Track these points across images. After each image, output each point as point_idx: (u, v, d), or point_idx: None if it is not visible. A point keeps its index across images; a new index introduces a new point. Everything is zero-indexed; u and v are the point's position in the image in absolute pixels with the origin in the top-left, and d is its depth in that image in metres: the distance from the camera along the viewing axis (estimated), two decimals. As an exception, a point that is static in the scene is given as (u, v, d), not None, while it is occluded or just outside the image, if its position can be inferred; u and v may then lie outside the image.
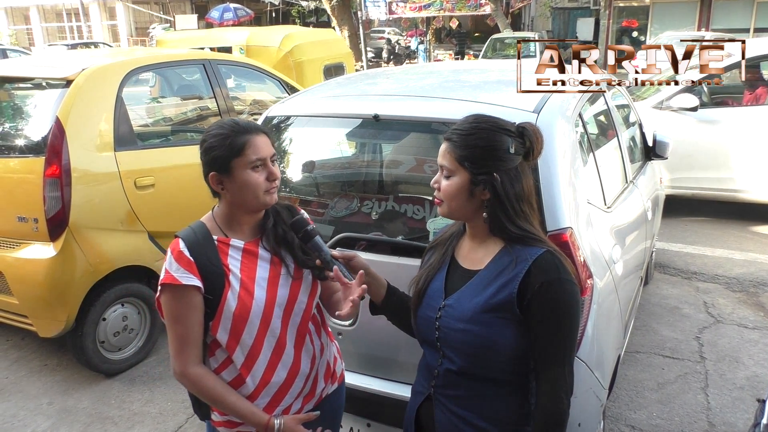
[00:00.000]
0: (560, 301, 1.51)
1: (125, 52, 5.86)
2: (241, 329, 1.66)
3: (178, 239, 1.67)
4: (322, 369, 1.87)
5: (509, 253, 1.56)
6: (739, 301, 4.62)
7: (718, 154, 6.24)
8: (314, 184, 2.88)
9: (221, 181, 1.66)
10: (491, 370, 1.57)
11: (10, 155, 3.63)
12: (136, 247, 3.77)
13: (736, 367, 3.73)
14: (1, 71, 4.32)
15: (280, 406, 1.77)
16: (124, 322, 3.79)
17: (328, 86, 3.29)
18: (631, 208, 3.24)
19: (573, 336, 1.55)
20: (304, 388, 1.81)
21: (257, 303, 1.67)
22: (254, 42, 8.47)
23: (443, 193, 1.59)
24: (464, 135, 1.56)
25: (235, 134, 1.63)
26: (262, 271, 1.71)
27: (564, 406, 1.52)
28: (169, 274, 1.62)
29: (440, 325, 1.62)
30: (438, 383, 1.67)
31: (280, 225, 1.77)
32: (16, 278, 3.53)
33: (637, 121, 4.29)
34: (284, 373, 1.74)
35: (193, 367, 1.66)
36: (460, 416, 1.62)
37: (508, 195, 1.53)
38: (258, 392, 1.73)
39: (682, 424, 3.20)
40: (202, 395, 1.70)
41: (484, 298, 1.55)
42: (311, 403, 1.86)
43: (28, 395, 3.62)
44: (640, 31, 23.52)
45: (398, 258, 2.30)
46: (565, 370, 1.52)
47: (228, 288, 1.65)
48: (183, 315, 1.62)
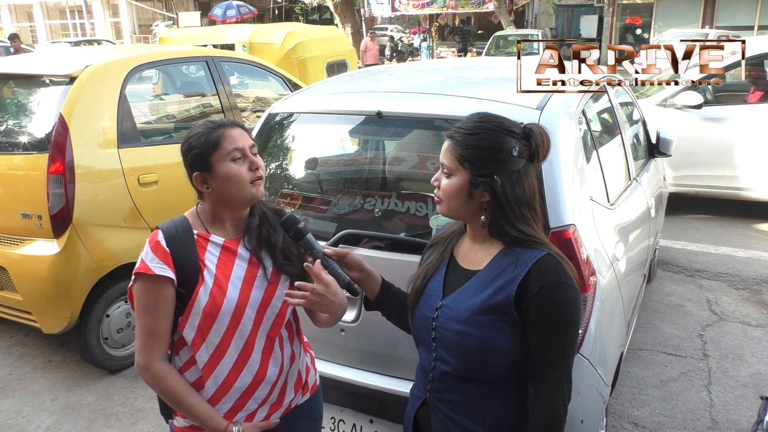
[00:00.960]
0: (560, 305, 1.48)
1: (128, 49, 5.88)
2: (209, 327, 1.63)
3: (157, 230, 1.66)
4: (293, 378, 1.82)
5: (509, 255, 1.53)
6: (743, 299, 4.62)
7: (722, 152, 6.22)
8: (317, 181, 2.89)
9: (205, 180, 1.66)
10: (487, 373, 1.55)
11: (14, 152, 3.64)
12: (139, 244, 3.69)
13: (740, 364, 3.72)
14: (4, 68, 4.33)
15: (243, 411, 1.72)
16: (127, 318, 3.80)
17: (331, 83, 3.29)
18: (634, 205, 3.24)
19: (572, 341, 1.52)
20: (270, 395, 1.75)
21: (228, 302, 1.64)
22: (257, 39, 8.48)
23: (442, 192, 1.56)
24: (467, 134, 1.53)
25: (210, 131, 1.66)
26: (239, 270, 1.68)
27: (561, 412, 1.50)
28: (144, 263, 1.61)
29: (437, 325, 1.59)
30: (433, 387, 1.64)
31: (266, 226, 1.74)
32: (20, 275, 3.54)
33: (641, 119, 4.28)
34: (249, 378, 1.70)
35: (157, 362, 1.62)
36: (457, 422, 1.60)
37: (507, 198, 1.50)
38: (220, 395, 1.69)
39: (685, 422, 3.20)
40: (163, 393, 1.66)
41: (481, 299, 1.52)
42: (278, 413, 1.79)
43: (32, 391, 3.64)
44: (644, 28, 23.45)
45: (400, 255, 2.30)
46: (563, 375, 1.50)
47: (201, 283, 1.62)
48: (153, 306, 1.60)
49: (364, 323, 2.38)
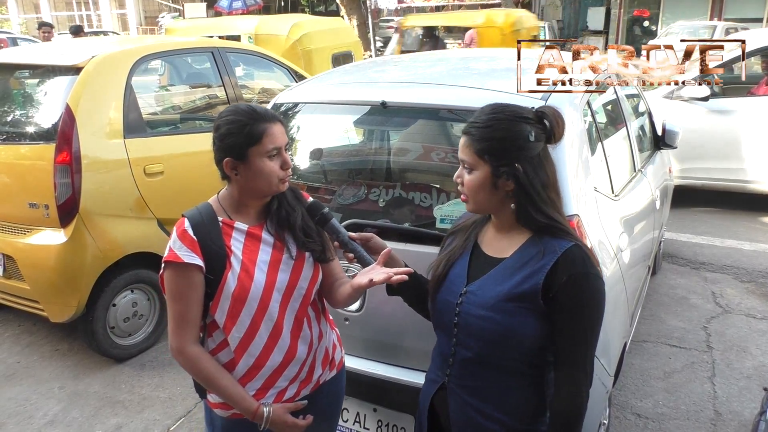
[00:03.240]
0: (587, 295, 1.50)
1: (134, 39, 5.88)
2: (239, 310, 1.68)
3: (183, 218, 1.69)
4: (320, 355, 1.88)
5: (536, 244, 1.55)
6: (748, 292, 4.61)
7: (729, 145, 6.19)
8: (321, 172, 2.89)
9: (236, 167, 1.67)
10: (508, 359, 1.57)
11: (22, 142, 3.66)
12: (146, 234, 3.80)
13: (744, 356, 3.72)
14: (11, 59, 4.35)
15: (274, 388, 1.78)
16: (133, 308, 3.83)
17: (336, 73, 3.29)
18: (639, 196, 3.23)
19: (596, 330, 1.55)
20: (300, 373, 1.82)
21: (256, 286, 1.69)
22: (263, 30, 8.47)
23: (467, 188, 1.57)
24: (482, 128, 1.54)
25: (254, 122, 1.65)
26: (264, 254, 1.73)
27: (584, 398, 1.52)
28: (173, 252, 1.64)
29: (461, 311, 1.61)
30: (453, 372, 1.66)
31: (284, 206, 1.78)
32: (27, 264, 3.57)
33: (647, 111, 4.26)
34: (279, 357, 1.75)
35: (190, 345, 1.68)
36: (475, 407, 1.62)
37: (533, 183, 1.51)
38: (252, 374, 1.74)
39: (689, 413, 3.21)
40: (197, 375, 1.72)
41: (508, 286, 1.54)
42: (307, 389, 1.86)
43: (39, 379, 3.67)
44: (652, 20, 23.25)
45: (404, 244, 2.31)
46: (587, 363, 1.53)
47: (229, 269, 1.66)
48: (183, 293, 1.65)
49: (368, 313, 2.39)
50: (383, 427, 2.42)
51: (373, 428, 2.44)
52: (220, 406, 1.80)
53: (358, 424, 2.47)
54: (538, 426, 1.61)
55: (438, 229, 2.31)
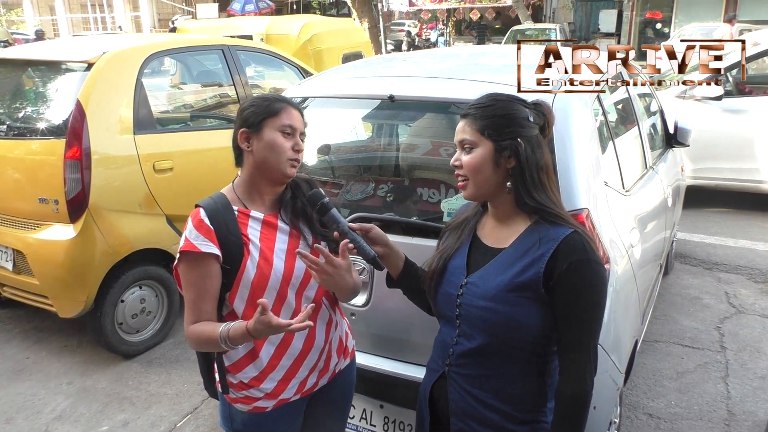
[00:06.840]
0: (587, 282, 1.49)
1: (145, 37, 5.90)
2: (259, 298, 1.64)
3: (198, 208, 1.68)
4: (335, 344, 1.88)
5: (536, 232, 1.54)
6: (762, 292, 4.54)
7: (742, 145, 6.12)
8: (329, 167, 2.88)
9: (249, 138, 1.69)
10: (510, 348, 1.56)
11: (32, 137, 3.67)
12: (154, 230, 3.80)
13: (758, 357, 3.66)
14: (23, 55, 4.38)
15: (295, 378, 1.78)
16: (142, 304, 3.83)
17: (345, 69, 3.28)
18: (650, 193, 3.19)
19: (599, 317, 1.53)
20: (319, 361, 1.82)
21: (275, 273, 1.68)
22: (274, 30, 8.48)
23: (467, 168, 1.56)
24: (483, 107, 1.57)
25: (276, 100, 1.72)
26: (281, 243, 1.72)
27: (588, 386, 1.51)
28: (189, 241, 1.63)
29: (462, 302, 1.60)
30: (454, 362, 1.65)
31: (300, 197, 1.78)
32: (36, 259, 3.57)
33: (659, 109, 4.22)
34: (300, 344, 1.75)
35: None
36: (475, 396, 1.61)
37: (529, 162, 1.52)
38: (274, 364, 1.74)
39: (701, 413, 3.16)
40: (199, 344, 1.65)
41: (509, 276, 1.53)
42: (325, 378, 1.87)
43: (48, 375, 3.68)
44: (665, 23, 23.10)
45: (411, 238, 2.29)
46: (590, 350, 1.51)
47: (247, 257, 1.65)
48: (200, 283, 1.63)
49: (374, 308, 2.37)
50: (390, 424, 2.40)
51: (379, 425, 2.42)
52: (241, 401, 1.78)
53: (364, 420, 2.45)
54: (538, 416, 1.59)
55: (445, 223, 2.29)
